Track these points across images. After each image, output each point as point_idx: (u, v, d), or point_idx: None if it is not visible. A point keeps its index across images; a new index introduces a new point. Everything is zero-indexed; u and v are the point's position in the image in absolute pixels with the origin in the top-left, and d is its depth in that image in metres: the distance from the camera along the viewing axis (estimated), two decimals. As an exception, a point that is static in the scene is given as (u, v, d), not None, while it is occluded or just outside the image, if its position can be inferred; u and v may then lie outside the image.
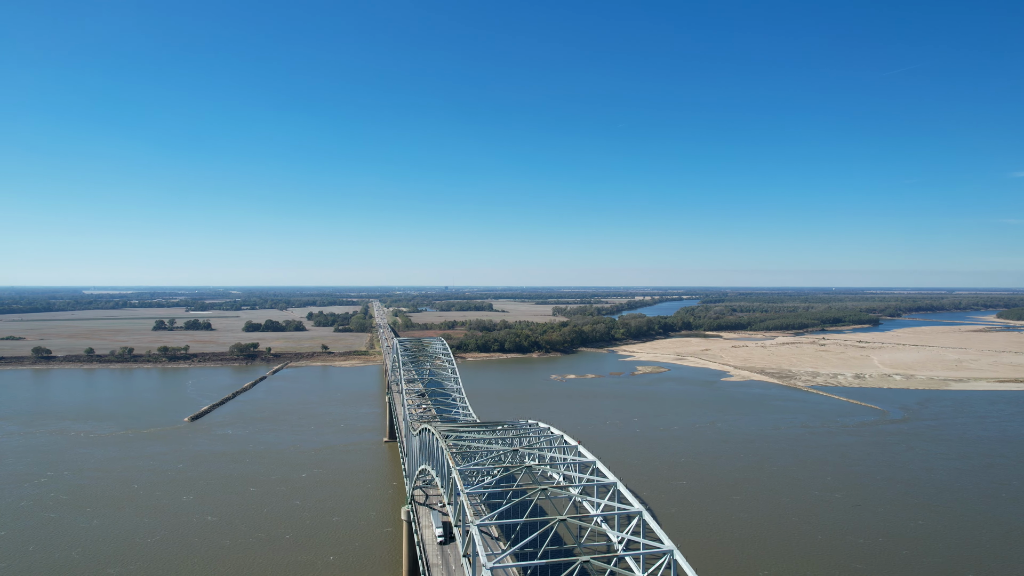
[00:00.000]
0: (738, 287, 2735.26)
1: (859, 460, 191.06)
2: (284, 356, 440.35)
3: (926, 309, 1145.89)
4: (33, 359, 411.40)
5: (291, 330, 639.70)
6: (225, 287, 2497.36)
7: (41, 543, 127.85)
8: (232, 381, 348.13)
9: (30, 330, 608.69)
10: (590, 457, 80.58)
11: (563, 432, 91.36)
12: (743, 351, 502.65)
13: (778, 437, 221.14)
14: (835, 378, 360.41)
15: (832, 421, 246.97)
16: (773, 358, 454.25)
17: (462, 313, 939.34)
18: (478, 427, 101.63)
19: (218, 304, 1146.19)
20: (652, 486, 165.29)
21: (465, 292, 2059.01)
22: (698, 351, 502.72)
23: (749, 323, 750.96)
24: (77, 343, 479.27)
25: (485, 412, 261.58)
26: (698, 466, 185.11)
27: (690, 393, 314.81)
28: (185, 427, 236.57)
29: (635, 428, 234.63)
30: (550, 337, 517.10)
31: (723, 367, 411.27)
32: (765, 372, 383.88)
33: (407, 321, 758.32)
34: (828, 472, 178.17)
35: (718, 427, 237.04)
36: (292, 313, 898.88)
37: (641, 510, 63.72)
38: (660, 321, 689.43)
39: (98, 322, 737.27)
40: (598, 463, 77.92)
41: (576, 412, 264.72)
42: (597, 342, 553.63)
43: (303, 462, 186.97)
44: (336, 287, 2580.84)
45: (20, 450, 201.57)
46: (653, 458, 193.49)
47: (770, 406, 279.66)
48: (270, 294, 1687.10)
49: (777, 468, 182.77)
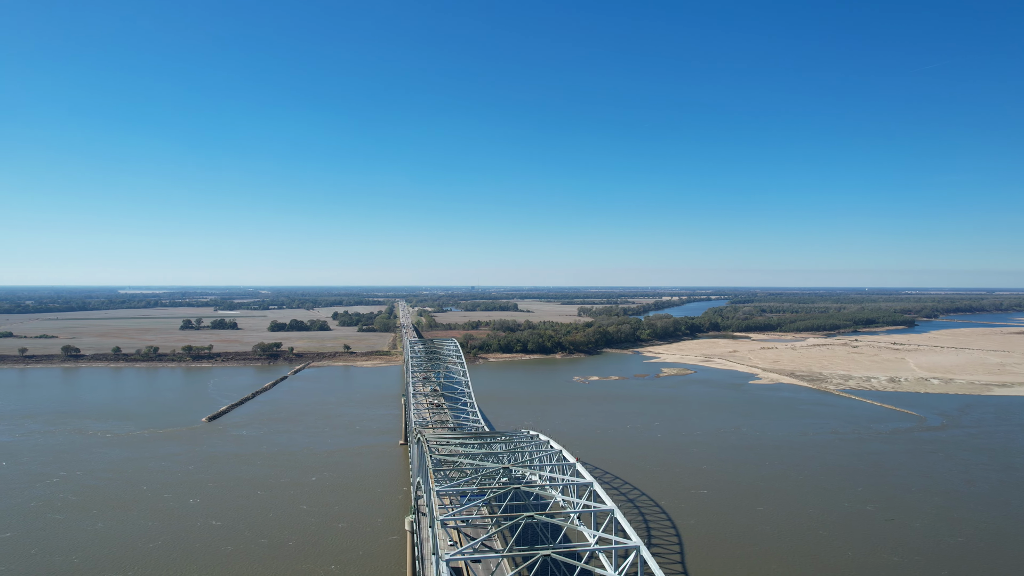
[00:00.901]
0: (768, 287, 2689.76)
1: (893, 470, 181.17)
2: (306, 356, 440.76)
3: (965, 310, 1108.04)
4: (63, 357, 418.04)
5: (315, 330, 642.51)
6: (255, 287, 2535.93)
7: (44, 546, 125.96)
8: (253, 381, 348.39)
9: (63, 329, 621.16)
10: (587, 478, 74.50)
11: (562, 447, 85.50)
12: (772, 353, 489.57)
13: (806, 444, 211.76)
14: (868, 381, 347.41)
15: (864, 427, 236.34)
16: (803, 360, 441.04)
17: (487, 313, 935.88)
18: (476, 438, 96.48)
19: (246, 304, 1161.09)
20: (671, 494, 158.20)
21: (491, 292, 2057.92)
22: (725, 352, 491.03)
23: (779, 324, 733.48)
24: (106, 342, 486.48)
25: (502, 415, 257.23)
26: (721, 473, 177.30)
27: (716, 396, 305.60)
28: (202, 427, 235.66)
29: (657, 433, 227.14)
30: (574, 338, 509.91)
31: (751, 369, 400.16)
32: (794, 375, 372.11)
33: (431, 321, 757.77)
34: (859, 482, 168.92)
35: (743, 432, 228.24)
36: (318, 313, 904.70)
37: (639, 544, 58.26)
38: (687, 322, 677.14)
39: (128, 321, 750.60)
40: (595, 485, 71.84)
41: (596, 415, 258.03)
42: (622, 343, 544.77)
43: (314, 465, 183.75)
44: (363, 287, 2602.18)
45: (38, 449, 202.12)
46: (674, 464, 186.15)
47: (799, 410, 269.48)
48: (298, 294, 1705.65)
49: (804, 477, 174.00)
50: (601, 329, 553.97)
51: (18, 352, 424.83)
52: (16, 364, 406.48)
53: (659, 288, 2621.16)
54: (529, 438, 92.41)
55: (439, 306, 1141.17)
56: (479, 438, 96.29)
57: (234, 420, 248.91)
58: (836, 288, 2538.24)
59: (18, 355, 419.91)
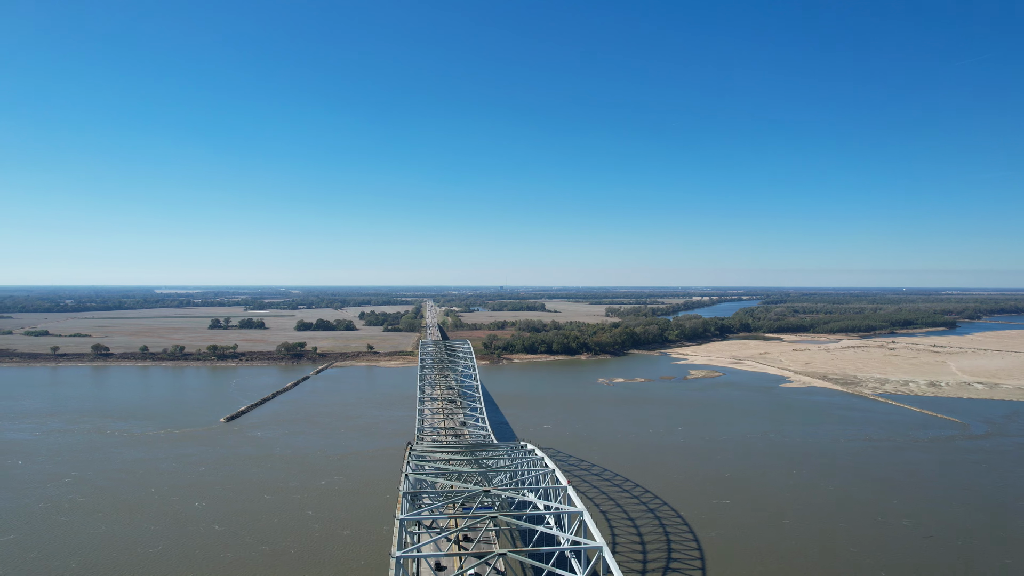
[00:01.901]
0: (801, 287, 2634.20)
1: (931, 481, 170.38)
2: (330, 355, 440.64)
3: (1010, 311, 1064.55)
4: (92, 356, 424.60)
5: (341, 329, 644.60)
6: (286, 287, 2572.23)
7: (44, 550, 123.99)
8: (275, 380, 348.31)
9: (97, 327, 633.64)
10: (578, 506, 67.91)
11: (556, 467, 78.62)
12: (804, 355, 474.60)
13: (837, 451, 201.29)
14: (906, 386, 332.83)
15: (901, 434, 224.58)
16: (837, 362, 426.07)
17: (513, 313, 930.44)
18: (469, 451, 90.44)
19: (276, 303, 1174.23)
20: (691, 504, 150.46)
21: (520, 292, 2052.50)
22: (756, 354, 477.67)
23: (812, 325, 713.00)
24: (136, 340, 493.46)
25: (521, 418, 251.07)
26: (745, 482, 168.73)
27: (744, 400, 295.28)
28: (219, 428, 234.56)
29: (680, 438, 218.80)
30: (600, 338, 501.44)
31: (782, 372, 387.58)
32: (828, 378, 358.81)
33: (457, 321, 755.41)
34: (894, 494, 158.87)
35: (771, 438, 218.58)
36: (346, 312, 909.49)
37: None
38: (717, 322, 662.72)
39: (160, 320, 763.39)
40: (585, 515, 65.26)
41: (619, 419, 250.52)
42: (649, 344, 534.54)
43: (325, 468, 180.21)
44: (393, 287, 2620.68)
45: (55, 448, 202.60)
46: (696, 472, 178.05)
47: (831, 416, 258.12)
48: (328, 293, 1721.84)
49: (835, 487, 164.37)
50: (628, 330, 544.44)
51: (50, 350, 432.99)
52: (48, 362, 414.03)
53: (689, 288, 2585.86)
54: (524, 453, 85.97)
55: (466, 306, 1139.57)
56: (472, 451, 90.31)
57: (251, 421, 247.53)
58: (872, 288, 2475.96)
59: (50, 353, 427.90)
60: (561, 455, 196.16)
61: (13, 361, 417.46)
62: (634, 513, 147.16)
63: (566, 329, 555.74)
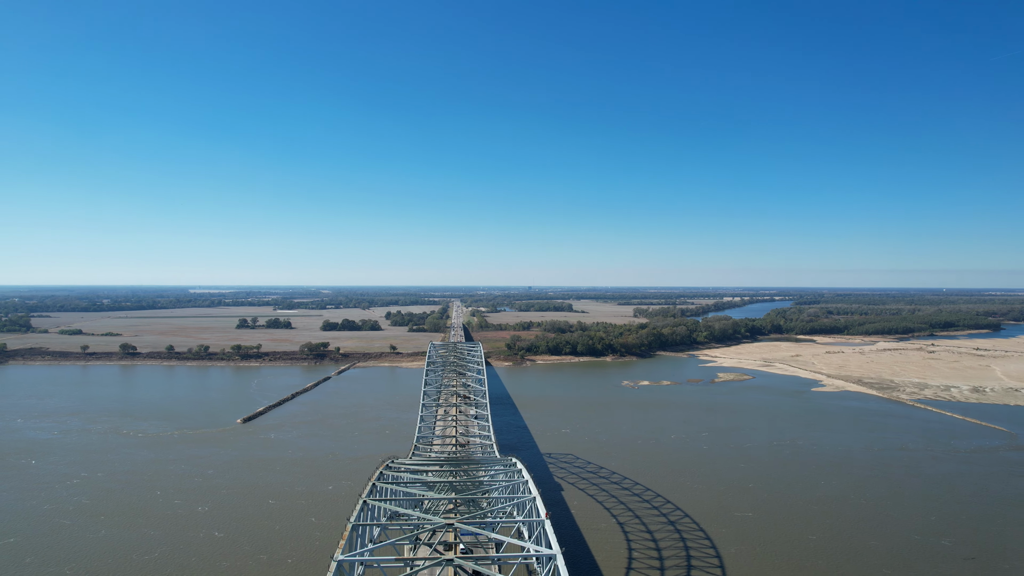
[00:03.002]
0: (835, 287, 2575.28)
1: (974, 496, 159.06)
2: (352, 356, 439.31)
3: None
4: (120, 355, 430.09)
5: (367, 329, 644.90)
6: (317, 287, 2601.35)
7: (41, 555, 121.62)
8: (297, 381, 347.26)
9: (129, 327, 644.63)
10: (553, 548, 59.61)
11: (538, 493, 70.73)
12: (838, 357, 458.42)
13: (870, 461, 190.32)
14: (947, 391, 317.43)
15: (941, 443, 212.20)
16: (872, 366, 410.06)
17: (540, 314, 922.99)
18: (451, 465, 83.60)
19: (306, 303, 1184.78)
20: (711, 517, 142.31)
21: (548, 292, 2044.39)
22: (787, 357, 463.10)
23: (846, 326, 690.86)
24: (164, 339, 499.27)
25: (540, 421, 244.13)
26: (770, 494, 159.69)
27: (774, 404, 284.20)
28: (234, 429, 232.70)
29: (703, 444, 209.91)
30: (626, 340, 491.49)
31: (814, 375, 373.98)
32: (863, 382, 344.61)
33: (483, 321, 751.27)
34: (932, 509, 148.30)
35: (799, 445, 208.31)
36: (372, 312, 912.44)
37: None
38: (747, 324, 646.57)
39: (190, 320, 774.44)
40: (558, 560, 57.16)
41: (641, 423, 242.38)
42: (677, 346, 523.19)
43: (335, 473, 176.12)
44: (421, 287, 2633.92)
45: (70, 447, 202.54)
46: (718, 481, 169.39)
47: (866, 422, 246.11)
48: (357, 293, 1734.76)
49: (866, 501, 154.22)
50: (655, 331, 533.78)
51: (80, 349, 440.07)
52: (78, 361, 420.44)
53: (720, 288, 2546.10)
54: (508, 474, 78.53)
55: (493, 306, 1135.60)
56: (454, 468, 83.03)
57: (268, 422, 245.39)
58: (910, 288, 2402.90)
59: (80, 352, 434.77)
60: (579, 460, 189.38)
61: (45, 359, 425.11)
62: (652, 525, 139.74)
63: (591, 330, 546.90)
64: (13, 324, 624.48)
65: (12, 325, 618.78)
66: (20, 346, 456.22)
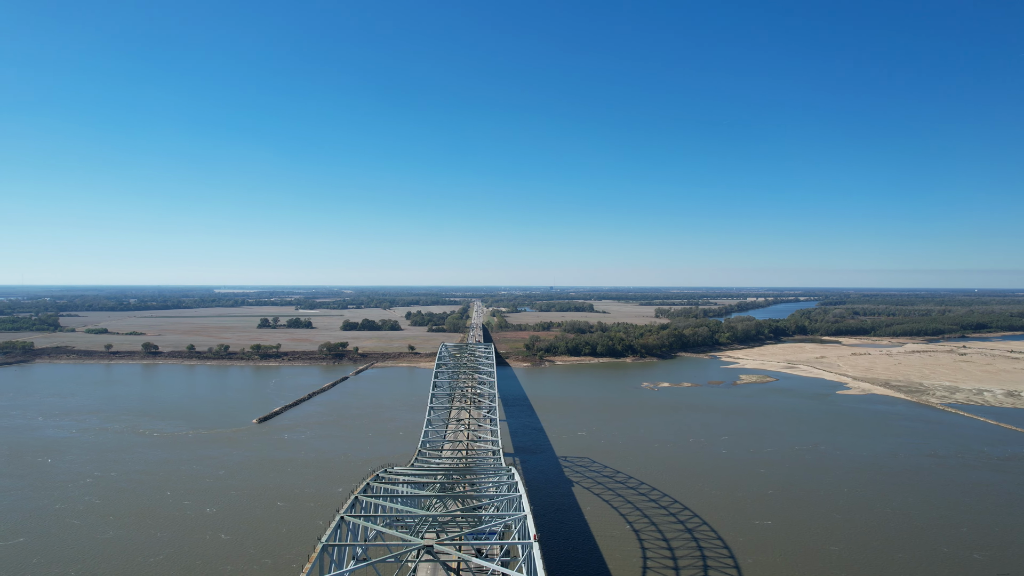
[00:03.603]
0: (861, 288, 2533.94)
1: (1008, 507, 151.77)
2: (371, 356, 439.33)
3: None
4: (142, 354, 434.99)
5: (386, 329, 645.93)
6: (339, 287, 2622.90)
7: (48, 555, 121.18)
8: (314, 381, 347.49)
9: (153, 326, 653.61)
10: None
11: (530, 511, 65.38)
12: (864, 359, 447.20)
13: (897, 468, 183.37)
14: (980, 395, 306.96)
15: (972, 450, 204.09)
16: (900, 368, 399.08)
17: (560, 314, 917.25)
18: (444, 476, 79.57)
19: (327, 303, 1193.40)
20: (729, 524, 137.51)
21: (570, 292, 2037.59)
22: (812, 358, 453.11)
23: (873, 328, 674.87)
24: (186, 339, 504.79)
25: (555, 424, 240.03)
26: (789, 501, 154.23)
27: (797, 408, 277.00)
28: (249, 429, 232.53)
29: (722, 449, 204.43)
30: (646, 341, 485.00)
31: (840, 377, 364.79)
32: (890, 385, 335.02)
33: (503, 321, 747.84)
34: (963, 520, 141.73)
35: (822, 451, 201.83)
36: (393, 312, 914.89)
37: None
38: (771, 324, 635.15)
39: (212, 319, 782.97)
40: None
41: (659, 426, 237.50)
42: (699, 347, 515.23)
43: (345, 475, 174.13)
44: (443, 287, 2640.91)
45: (87, 446, 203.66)
46: (736, 488, 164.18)
47: (893, 427, 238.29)
48: (379, 294, 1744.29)
49: (892, 510, 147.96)
50: (676, 331, 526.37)
51: (104, 348, 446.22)
52: (102, 359, 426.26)
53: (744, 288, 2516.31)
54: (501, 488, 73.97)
55: (514, 306, 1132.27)
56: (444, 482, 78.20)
57: (283, 423, 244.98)
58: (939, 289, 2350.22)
59: (104, 351, 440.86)
60: (595, 464, 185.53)
61: (70, 358, 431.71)
62: (668, 532, 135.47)
63: (612, 330, 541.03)
64: (42, 323, 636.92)
65: (41, 324, 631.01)
66: (47, 344, 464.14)
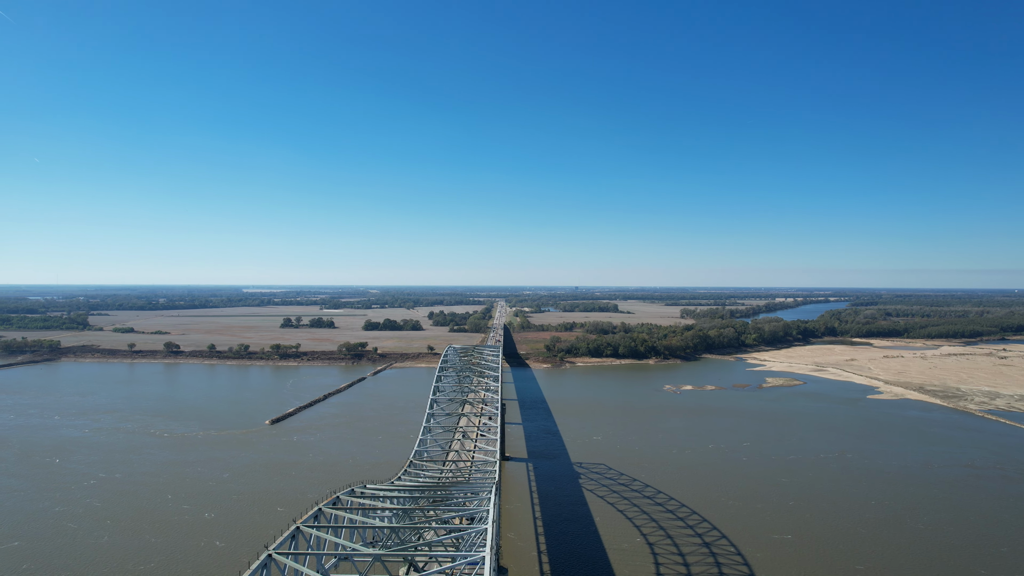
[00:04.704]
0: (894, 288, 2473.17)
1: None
2: (390, 356, 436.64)
3: None
4: (164, 353, 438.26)
5: (408, 329, 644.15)
6: (365, 286, 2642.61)
7: (40, 561, 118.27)
8: (332, 381, 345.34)
9: (177, 325, 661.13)
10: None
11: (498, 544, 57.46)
12: (897, 362, 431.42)
13: (930, 479, 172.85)
14: (1023, 401, 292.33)
15: (1014, 461, 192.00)
16: (935, 372, 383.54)
17: (584, 314, 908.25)
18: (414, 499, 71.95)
19: (352, 303, 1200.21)
20: (745, 539, 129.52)
21: (595, 292, 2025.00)
22: (841, 361, 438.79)
23: (906, 329, 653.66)
24: (209, 338, 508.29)
25: (572, 428, 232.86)
26: (812, 514, 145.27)
27: (824, 413, 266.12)
28: (261, 431, 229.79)
29: (743, 455, 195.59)
30: (670, 342, 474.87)
31: (871, 381, 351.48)
32: (924, 389, 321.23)
33: (525, 322, 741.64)
34: (1003, 539, 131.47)
35: (849, 459, 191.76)
36: (416, 312, 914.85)
37: None
38: (799, 325, 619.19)
39: (237, 319, 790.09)
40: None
41: (679, 431, 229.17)
42: (724, 348, 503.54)
43: (351, 478, 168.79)
44: (468, 287, 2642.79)
45: (97, 446, 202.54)
46: (755, 499, 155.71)
47: (926, 434, 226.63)
48: (404, 293, 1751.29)
49: (924, 527, 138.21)
50: (701, 333, 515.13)
51: (127, 347, 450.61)
52: (125, 358, 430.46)
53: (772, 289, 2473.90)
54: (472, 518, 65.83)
55: (538, 306, 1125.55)
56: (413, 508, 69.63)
57: (295, 424, 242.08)
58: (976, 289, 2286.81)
59: (127, 350, 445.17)
60: (612, 472, 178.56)
61: (95, 356, 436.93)
62: (685, 546, 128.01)
63: (635, 331, 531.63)
64: (72, 322, 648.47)
65: (70, 323, 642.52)
66: (74, 343, 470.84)
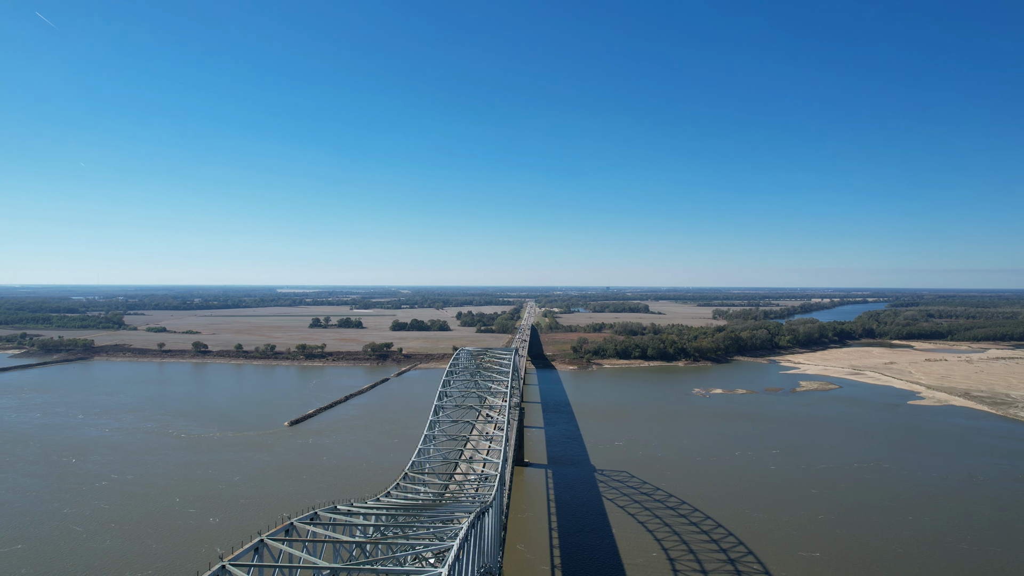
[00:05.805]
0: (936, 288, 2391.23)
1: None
2: (415, 357, 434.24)
3: None
4: (192, 353, 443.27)
5: (435, 329, 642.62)
6: (396, 287, 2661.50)
7: (40, 565, 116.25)
8: (355, 382, 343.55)
9: (208, 325, 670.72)
10: None
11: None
12: (940, 366, 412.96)
13: (975, 494, 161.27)
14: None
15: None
16: (982, 376, 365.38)
17: (613, 315, 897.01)
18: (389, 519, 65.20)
19: (382, 303, 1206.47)
20: (770, 555, 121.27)
21: (626, 292, 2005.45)
22: (880, 364, 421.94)
23: (949, 331, 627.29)
24: (237, 338, 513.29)
25: (594, 432, 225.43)
26: (843, 530, 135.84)
27: (861, 419, 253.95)
28: (278, 432, 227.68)
29: (771, 464, 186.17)
30: (700, 344, 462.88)
31: (911, 386, 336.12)
32: (970, 395, 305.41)
33: (553, 322, 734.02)
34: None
35: (885, 469, 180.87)
36: (445, 312, 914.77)
37: None
38: (835, 327, 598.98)
39: (267, 319, 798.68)
40: None
41: (706, 437, 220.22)
42: (757, 350, 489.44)
43: (363, 485, 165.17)
44: (498, 287, 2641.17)
45: (114, 446, 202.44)
46: (783, 511, 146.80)
47: (972, 443, 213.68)
48: (434, 293, 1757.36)
49: (968, 547, 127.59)
50: (733, 334, 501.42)
51: (157, 347, 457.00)
52: (155, 358, 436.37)
53: (808, 289, 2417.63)
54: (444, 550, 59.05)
55: (567, 307, 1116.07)
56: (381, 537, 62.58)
57: (314, 426, 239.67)
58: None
59: (157, 349, 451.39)
60: (634, 480, 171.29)
61: (126, 356, 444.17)
62: (708, 563, 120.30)
63: (664, 333, 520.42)
64: (108, 321, 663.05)
65: (106, 322, 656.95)
66: (107, 342, 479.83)
